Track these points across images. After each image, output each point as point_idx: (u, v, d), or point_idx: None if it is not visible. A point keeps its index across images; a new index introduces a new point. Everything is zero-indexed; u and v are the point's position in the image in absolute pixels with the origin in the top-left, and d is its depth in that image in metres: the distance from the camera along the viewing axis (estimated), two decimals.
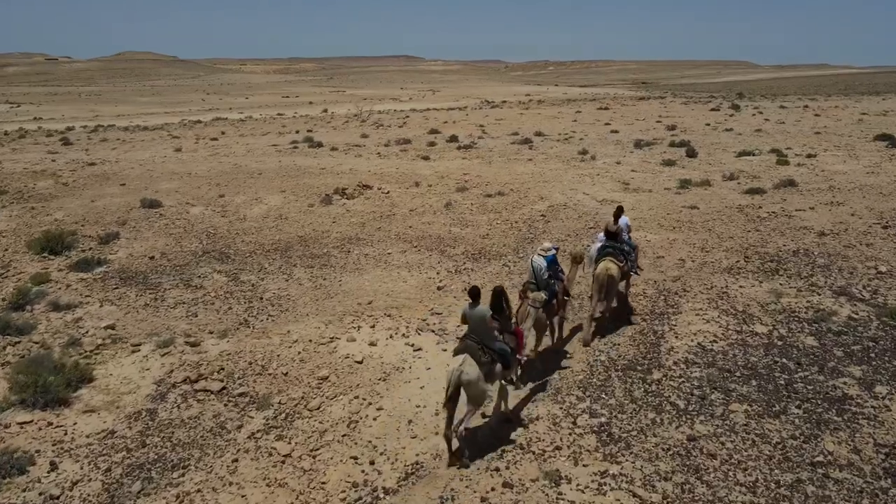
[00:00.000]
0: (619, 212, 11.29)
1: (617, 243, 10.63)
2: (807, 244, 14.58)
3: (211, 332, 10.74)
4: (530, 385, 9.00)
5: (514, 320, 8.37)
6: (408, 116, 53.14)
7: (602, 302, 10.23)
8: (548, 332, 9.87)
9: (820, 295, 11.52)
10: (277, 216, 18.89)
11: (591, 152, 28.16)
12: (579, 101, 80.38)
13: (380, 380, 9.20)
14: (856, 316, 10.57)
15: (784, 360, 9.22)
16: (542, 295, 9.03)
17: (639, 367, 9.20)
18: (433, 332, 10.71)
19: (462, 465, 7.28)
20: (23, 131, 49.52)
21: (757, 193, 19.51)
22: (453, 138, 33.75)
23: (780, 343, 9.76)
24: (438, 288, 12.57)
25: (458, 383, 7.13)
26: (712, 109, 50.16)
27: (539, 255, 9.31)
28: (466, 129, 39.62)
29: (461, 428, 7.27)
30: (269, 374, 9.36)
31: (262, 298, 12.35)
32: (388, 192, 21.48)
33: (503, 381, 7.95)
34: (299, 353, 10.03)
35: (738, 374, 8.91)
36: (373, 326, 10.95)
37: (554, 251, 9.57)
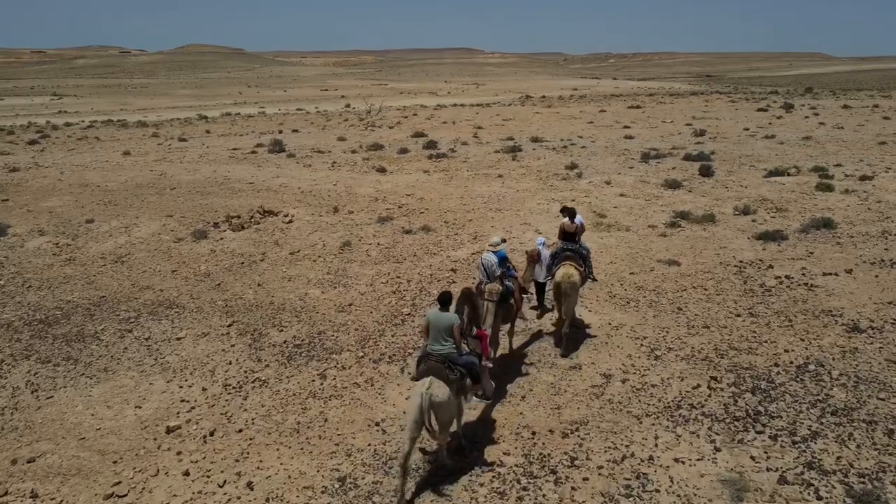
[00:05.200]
0: (567, 211, 10.03)
1: (575, 245, 9.78)
2: (825, 350, 8.97)
3: None
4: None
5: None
6: (415, 114, 48.06)
7: (563, 312, 9.41)
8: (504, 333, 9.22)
9: (819, 499, 6.05)
10: (117, 258, 14.40)
11: (580, 167, 22.53)
12: (623, 96, 73.39)
13: None
14: None
15: None
16: (498, 286, 8.35)
17: None
18: None
19: None
20: (12, 127, 47.04)
21: (773, 240, 13.75)
22: (430, 144, 28.62)
23: None
24: (169, 430, 7.61)
25: (429, 408, 6.28)
26: (759, 109, 42.83)
27: (489, 251, 8.64)
28: (460, 132, 34.29)
29: (444, 457, 6.79)
30: None
31: None
32: (290, 221, 16.70)
33: (476, 396, 7.70)
34: None
35: None
36: None
37: (502, 245, 8.80)
